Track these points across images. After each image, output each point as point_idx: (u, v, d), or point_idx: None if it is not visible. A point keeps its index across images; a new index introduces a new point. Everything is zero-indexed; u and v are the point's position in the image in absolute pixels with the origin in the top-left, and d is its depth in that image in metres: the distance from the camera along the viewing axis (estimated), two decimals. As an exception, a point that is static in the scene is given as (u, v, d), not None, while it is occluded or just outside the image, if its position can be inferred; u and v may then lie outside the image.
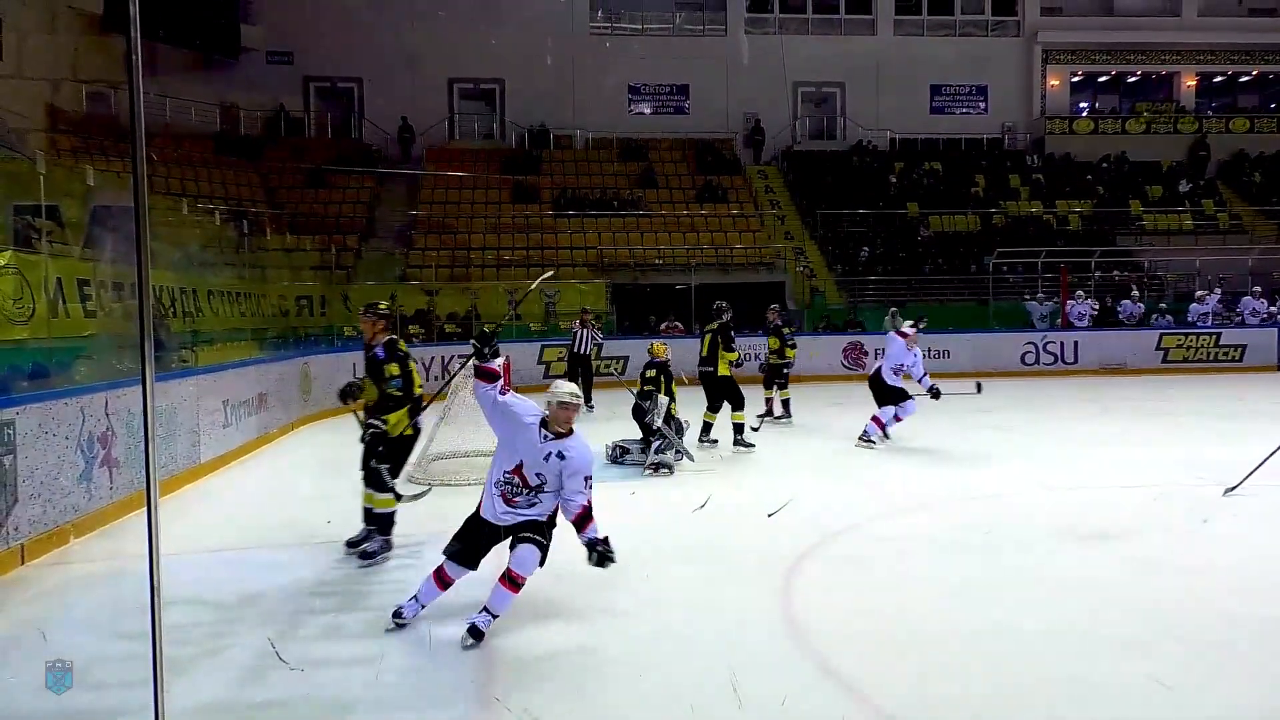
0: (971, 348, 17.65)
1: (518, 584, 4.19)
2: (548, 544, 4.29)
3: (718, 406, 9.64)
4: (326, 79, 24.98)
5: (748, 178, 24.46)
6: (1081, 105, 28.19)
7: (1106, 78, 28.14)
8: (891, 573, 5.28)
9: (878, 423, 9.50)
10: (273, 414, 10.42)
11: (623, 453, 8.76)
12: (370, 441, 5.60)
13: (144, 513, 2.84)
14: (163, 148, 20.20)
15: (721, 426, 9.63)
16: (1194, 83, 27.88)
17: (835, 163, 25.22)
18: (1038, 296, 19.78)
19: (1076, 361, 18.02)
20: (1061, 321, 18.95)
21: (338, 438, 11.09)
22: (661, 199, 22.86)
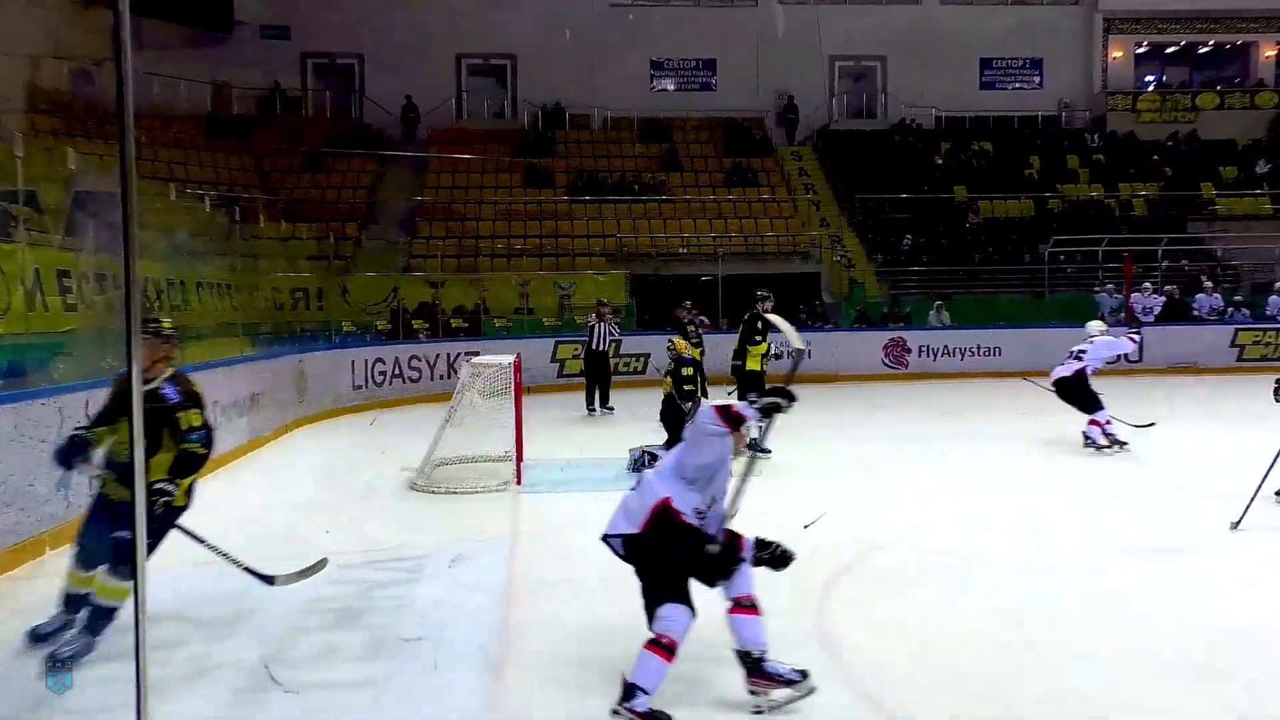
0: (1025, 344, 17.42)
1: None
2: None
3: None
4: (325, 55, 25.10)
5: (780, 160, 24.33)
6: (1147, 79, 27.83)
7: (1175, 48, 27.77)
8: (943, 593, 5.24)
9: (1096, 424, 9.58)
10: (266, 415, 10.41)
11: (651, 459, 8.56)
12: (163, 515, 4.47)
13: (124, 522, 2.82)
14: (150, 129, 20.38)
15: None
16: (1273, 53, 27.42)
17: (875, 143, 25.02)
18: (1107, 287, 19.54)
19: (1141, 360, 17.77)
20: (1125, 316, 18.72)
21: (336, 440, 11.19)
22: (686, 183, 22.80)
